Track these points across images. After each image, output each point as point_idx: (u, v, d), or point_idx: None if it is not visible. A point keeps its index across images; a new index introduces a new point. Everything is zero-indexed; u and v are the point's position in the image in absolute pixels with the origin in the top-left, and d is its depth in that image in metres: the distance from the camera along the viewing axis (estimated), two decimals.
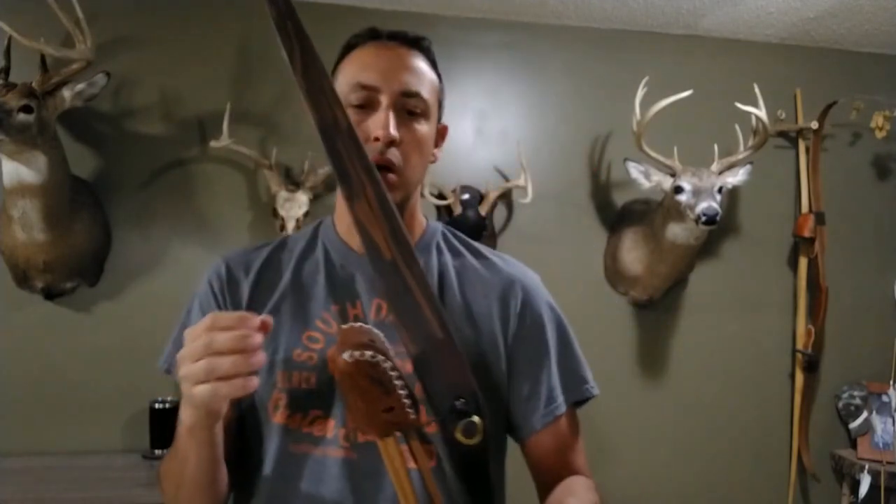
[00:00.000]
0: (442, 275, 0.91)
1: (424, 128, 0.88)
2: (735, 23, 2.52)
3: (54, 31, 1.99)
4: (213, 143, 2.19)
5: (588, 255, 2.52)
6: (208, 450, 0.76)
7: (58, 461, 2.08)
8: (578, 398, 0.93)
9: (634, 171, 2.34)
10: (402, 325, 0.73)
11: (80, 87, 1.98)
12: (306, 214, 2.16)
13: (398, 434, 0.72)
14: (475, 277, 0.92)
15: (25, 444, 2.16)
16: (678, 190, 2.22)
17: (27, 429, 2.17)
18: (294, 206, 2.15)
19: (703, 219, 2.14)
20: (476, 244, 0.98)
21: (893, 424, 2.48)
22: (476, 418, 0.71)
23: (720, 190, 2.25)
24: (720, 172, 2.29)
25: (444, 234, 0.97)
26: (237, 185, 2.33)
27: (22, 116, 1.83)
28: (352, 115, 0.83)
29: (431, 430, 0.81)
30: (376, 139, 0.82)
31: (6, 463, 2.06)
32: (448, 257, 0.94)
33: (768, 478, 2.66)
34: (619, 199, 2.57)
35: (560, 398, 0.91)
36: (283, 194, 2.16)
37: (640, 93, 2.29)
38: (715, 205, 2.16)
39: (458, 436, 0.71)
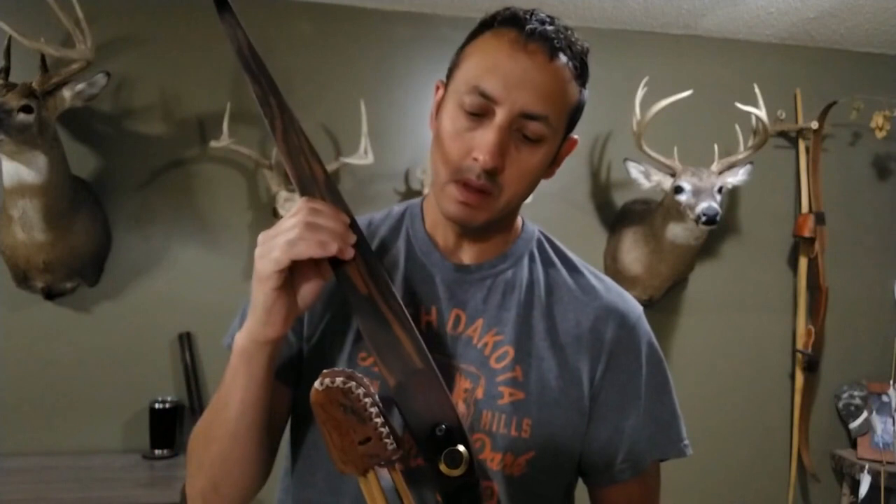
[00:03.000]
0: (529, 290, 0.82)
1: (537, 156, 0.75)
2: (735, 23, 2.52)
3: (54, 31, 1.99)
4: (213, 143, 2.18)
5: (588, 256, 2.48)
6: (256, 387, 0.71)
7: (58, 461, 2.09)
8: (666, 456, 0.84)
9: (634, 171, 2.34)
10: (380, 359, 0.69)
11: (80, 87, 1.98)
12: None
13: (387, 470, 0.68)
14: (567, 298, 0.83)
15: (25, 444, 2.16)
16: (678, 190, 2.22)
17: (27, 429, 2.17)
18: (294, 205, 2.15)
19: (704, 219, 2.14)
20: (575, 259, 0.88)
21: (893, 424, 2.48)
22: (461, 447, 0.66)
23: (720, 190, 2.25)
24: (720, 172, 2.29)
25: (539, 242, 0.87)
26: (237, 185, 2.33)
27: (22, 116, 1.83)
28: (460, 118, 0.74)
29: (420, 464, 0.75)
30: (475, 159, 0.72)
31: (6, 463, 2.06)
32: (540, 269, 0.84)
33: (768, 478, 2.66)
34: (619, 199, 2.57)
35: (643, 455, 0.82)
36: (283, 194, 2.16)
37: (640, 93, 2.29)
38: (715, 205, 2.16)
39: (442, 466, 0.66)
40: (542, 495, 0.80)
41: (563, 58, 0.74)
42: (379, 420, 0.64)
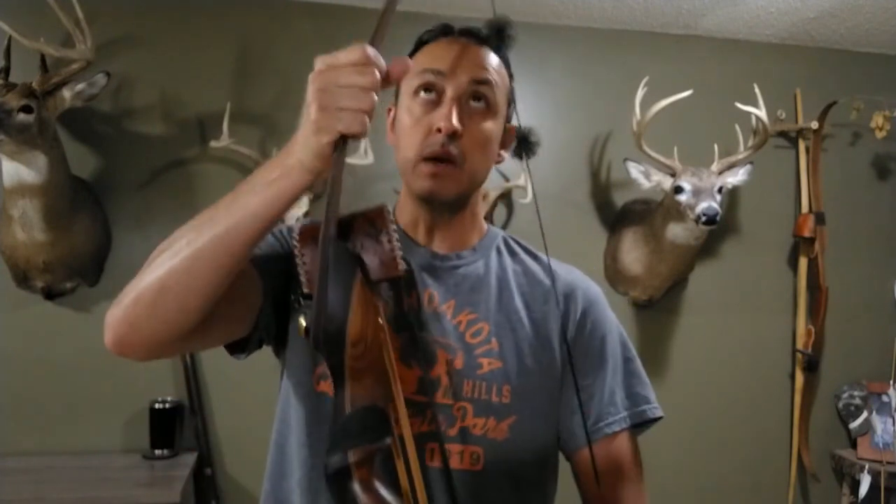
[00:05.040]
0: (501, 277, 0.91)
1: (490, 124, 0.86)
2: (735, 23, 2.52)
3: (54, 31, 1.99)
4: (213, 143, 2.19)
5: (588, 256, 2.52)
6: (272, 206, 0.69)
7: (58, 461, 2.08)
8: (637, 420, 0.89)
9: (634, 171, 2.33)
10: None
11: (80, 87, 1.98)
12: (306, 214, 2.16)
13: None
14: (535, 280, 0.92)
15: (25, 444, 2.16)
16: (678, 190, 2.22)
17: (27, 429, 2.17)
18: (294, 205, 2.14)
19: (704, 219, 2.14)
20: (537, 251, 0.97)
21: (893, 424, 2.48)
22: (301, 317, 0.70)
23: (720, 190, 2.25)
24: (720, 172, 2.29)
25: (505, 240, 0.96)
26: (237, 185, 2.32)
27: (22, 116, 1.83)
28: (415, 106, 0.84)
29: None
30: (438, 130, 0.81)
31: (6, 463, 2.06)
32: (508, 260, 0.93)
33: (768, 478, 2.66)
34: (619, 199, 2.57)
35: (613, 416, 0.88)
36: None
37: (640, 93, 2.29)
38: (715, 205, 2.16)
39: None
40: (524, 461, 0.85)
41: (488, 45, 0.89)
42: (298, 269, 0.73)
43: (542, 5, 2.40)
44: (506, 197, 2.45)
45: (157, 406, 2.15)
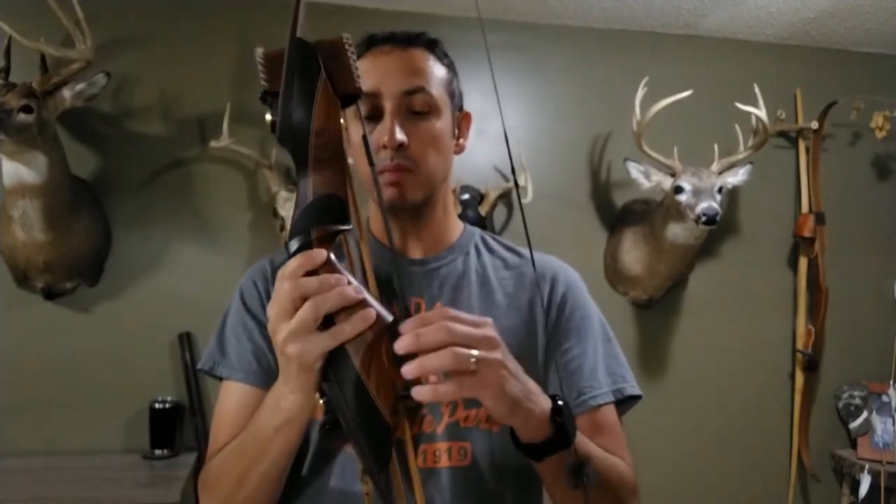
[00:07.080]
0: (481, 274, 0.92)
1: (436, 124, 0.86)
2: (735, 23, 2.52)
3: (54, 31, 1.99)
4: (213, 143, 2.19)
5: (588, 256, 2.52)
6: (297, 439, 0.73)
7: (58, 461, 2.08)
8: (619, 395, 0.90)
9: (634, 171, 2.34)
10: None
11: (80, 87, 1.98)
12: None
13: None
14: (515, 273, 0.94)
15: (25, 444, 2.16)
16: (678, 190, 2.22)
17: (27, 429, 2.17)
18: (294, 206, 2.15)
19: (704, 219, 2.14)
20: (513, 244, 0.99)
21: (893, 424, 2.48)
22: (268, 113, 0.70)
23: (720, 190, 2.25)
24: (720, 172, 2.29)
25: (482, 238, 0.98)
26: (237, 185, 2.33)
27: (22, 116, 1.83)
28: (360, 128, 0.84)
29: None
30: (384, 147, 0.82)
31: (6, 463, 2.06)
32: (487, 257, 0.95)
33: (768, 478, 2.66)
34: (619, 199, 2.57)
35: (597, 390, 0.89)
36: (283, 194, 2.16)
37: (640, 93, 2.29)
38: (715, 205, 2.16)
39: None
40: (514, 449, 0.84)
41: (413, 45, 0.88)
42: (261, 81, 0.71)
43: (542, 5, 2.40)
44: (506, 197, 2.45)
45: (157, 406, 2.15)
